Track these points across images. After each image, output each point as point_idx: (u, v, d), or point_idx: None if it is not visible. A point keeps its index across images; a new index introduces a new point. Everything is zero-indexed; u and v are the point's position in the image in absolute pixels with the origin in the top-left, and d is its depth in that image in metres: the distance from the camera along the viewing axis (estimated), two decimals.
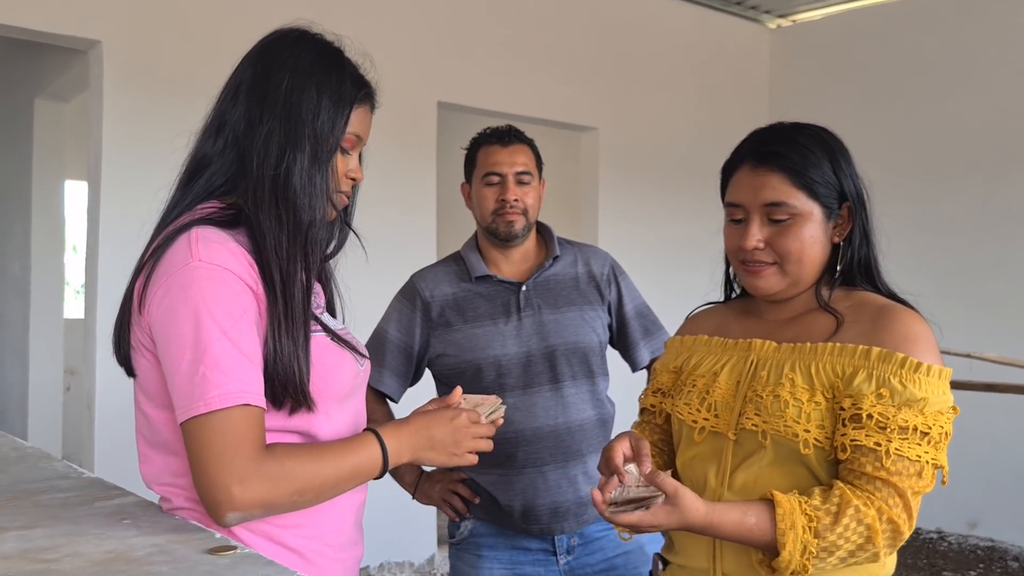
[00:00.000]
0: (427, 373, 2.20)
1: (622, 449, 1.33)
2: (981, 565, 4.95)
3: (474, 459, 1.35)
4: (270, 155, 1.22)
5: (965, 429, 5.26)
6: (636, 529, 1.26)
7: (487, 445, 1.37)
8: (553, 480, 2.00)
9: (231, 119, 1.26)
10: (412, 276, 2.16)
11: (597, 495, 1.26)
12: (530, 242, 2.14)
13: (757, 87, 6.42)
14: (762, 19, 6.38)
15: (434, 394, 2.14)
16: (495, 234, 2.08)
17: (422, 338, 2.09)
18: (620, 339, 2.20)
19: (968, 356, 3.92)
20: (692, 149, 5.72)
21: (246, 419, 1.11)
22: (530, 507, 2.00)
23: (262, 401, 1.14)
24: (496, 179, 2.07)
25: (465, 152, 2.18)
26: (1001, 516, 5.27)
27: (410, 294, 2.12)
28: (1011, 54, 5.36)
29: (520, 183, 2.07)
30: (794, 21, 6.41)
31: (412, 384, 2.17)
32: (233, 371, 1.11)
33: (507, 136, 2.11)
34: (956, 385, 4.06)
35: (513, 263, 2.12)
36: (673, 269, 5.48)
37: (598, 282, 2.14)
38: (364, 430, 1.28)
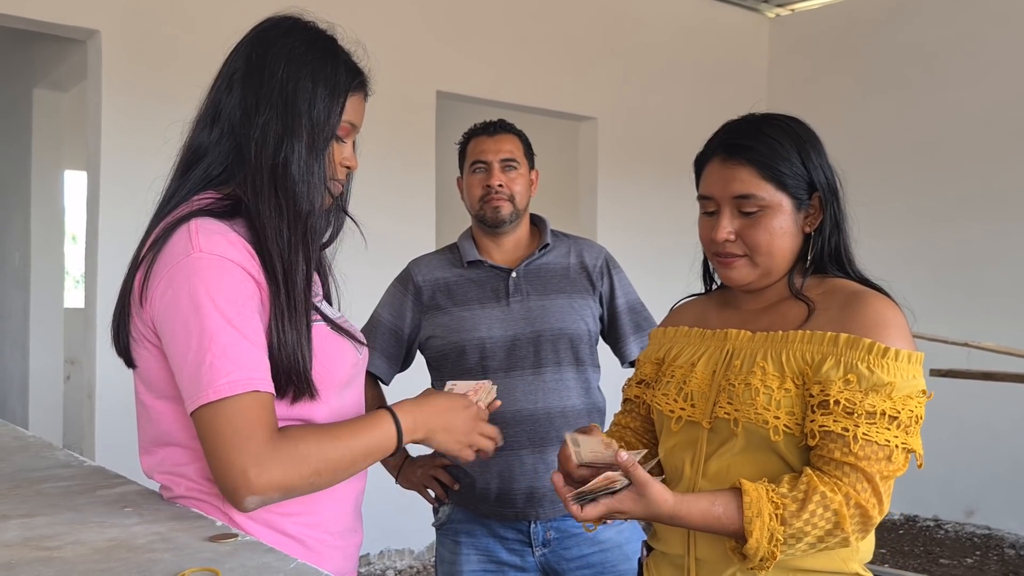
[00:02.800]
0: (420, 359, 2.23)
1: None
2: (978, 553, 4.97)
3: (471, 455, 1.39)
4: (268, 145, 1.22)
5: (963, 417, 5.31)
6: (604, 518, 1.27)
7: (488, 446, 1.41)
8: (530, 464, 2.02)
9: (226, 108, 1.26)
10: (409, 262, 2.22)
11: (559, 479, 1.28)
12: (522, 231, 2.18)
13: (756, 76, 6.41)
14: (761, 8, 6.36)
15: (426, 378, 2.17)
16: (483, 221, 2.12)
17: (413, 321, 2.14)
18: (610, 332, 2.22)
19: (966, 345, 3.93)
20: (691, 138, 5.66)
21: (256, 405, 1.12)
22: (506, 490, 2.03)
23: (271, 387, 1.15)
24: (482, 167, 2.12)
25: (458, 147, 2.22)
26: (998, 504, 5.29)
27: (404, 279, 2.18)
28: (1010, 42, 5.35)
29: (506, 169, 2.11)
30: (793, 10, 6.39)
31: (404, 368, 2.21)
32: (240, 359, 1.12)
33: (494, 127, 2.17)
34: (954, 374, 4.08)
35: (505, 251, 2.15)
36: (671, 258, 5.48)
37: (590, 273, 2.17)
38: (378, 408, 1.29)
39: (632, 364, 2.23)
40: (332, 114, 1.26)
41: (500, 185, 2.09)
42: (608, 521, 1.44)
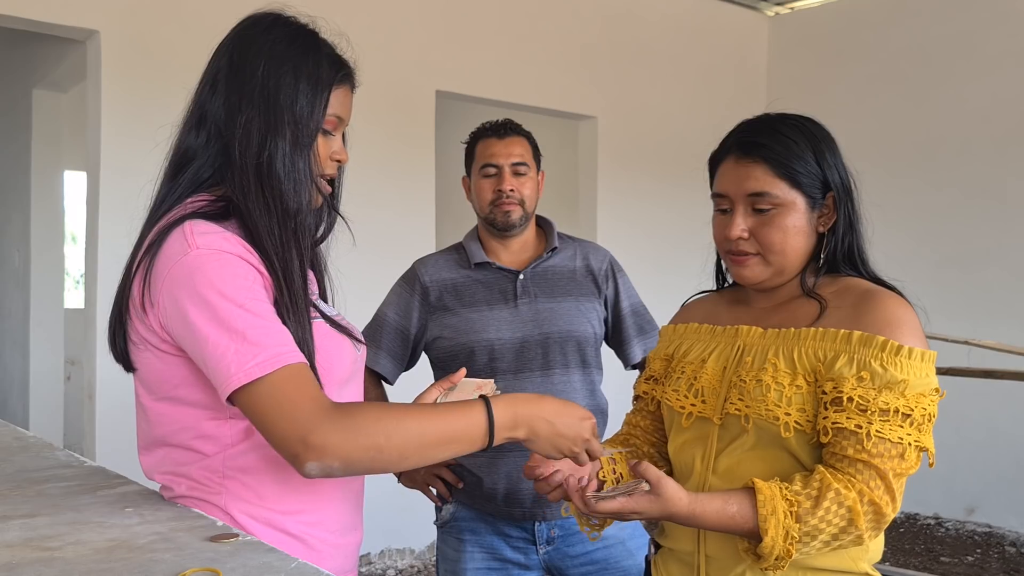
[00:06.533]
0: (424, 359, 2.22)
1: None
2: (978, 551, 4.97)
3: (585, 458, 1.28)
4: (251, 144, 1.21)
5: (963, 415, 5.32)
6: (618, 517, 1.27)
7: (585, 460, 1.29)
8: None
9: (211, 110, 1.25)
10: (414, 262, 2.21)
11: (573, 482, 1.27)
12: (529, 233, 2.18)
13: (755, 75, 6.40)
14: (760, 7, 6.36)
15: (430, 379, 2.16)
16: (493, 224, 2.12)
17: (419, 321, 2.13)
18: (614, 335, 2.23)
19: (967, 343, 3.93)
20: (690, 137, 5.70)
21: (292, 377, 1.11)
22: (514, 490, 2.03)
23: (301, 357, 1.14)
24: (493, 170, 2.12)
25: (464, 146, 2.22)
26: (999, 502, 5.29)
27: (410, 279, 2.17)
28: (1010, 41, 5.35)
29: (516, 174, 2.11)
30: (792, 9, 6.39)
31: (409, 367, 2.21)
32: (262, 340, 1.11)
33: (503, 128, 2.15)
34: (954, 372, 4.08)
35: (512, 253, 2.16)
36: (671, 257, 5.48)
37: (595, 276, 2.18)
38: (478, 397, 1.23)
39: (636, 367, 2.23)
40: (316, 109, 1.24)
41: (511, 190, 2.09)
42: (609, 522, 1.44)
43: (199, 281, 1.13)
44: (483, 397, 1.22)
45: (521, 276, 2.11)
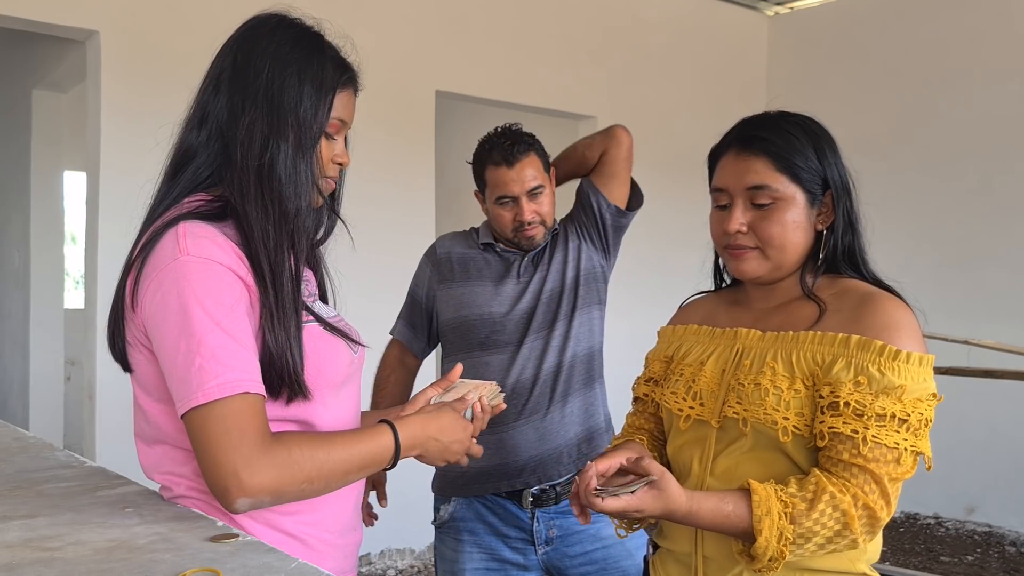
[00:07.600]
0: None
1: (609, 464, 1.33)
2: (978, 550, 4.98)
3: (466, 460, 1.38)
4: (253, 145, 1.21)
5: (963, 415, 5.32)
6: (622, 516, 1.28)
7: (479, 451, 1.40)
8: (557, 422, 2.08)
9: (213, 110, 1.25)
10: (436, 239, 2.31)
11: (582, 479, 1.28)
12: None
13: (755, 75, 6.40)
14: (760, 7, 6.36)
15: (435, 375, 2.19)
16: (518, 246, 2.17)
17: (429, 290, 2.21)
18: (591, 210, 2.25)
19: (966, 343, 3.93)
20: (690, 137, 5.69)
21: (247, 407, 1.11)
22: (534, 456, 2.06)
23: (261, 389, 1.14)
24: (509, 200, 2.12)
25: (472, 164, 2.20)
26: (999, 502, 5.29)
27: (430, 252, 2.27)
28: (1010, 41, 5.35)
29: (533, 197, 2.11)
30: (792, 8, 6.39)
31: (431, 341, 2.26)
32: (229, 361, 1.11)
33: (511, 154, 2.09)
34: (954, 371, 4.07)
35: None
36: (671, 257, 5.48)
37: (566, 229, 2.24)
38: (379, 422, 1.28)
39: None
40: (320, 112, 1.24)
41: (532, 215, 2.11)
42: (636, 526, 1.44)
43: (184, 289, 1.12)
44: (389, 423, 1.27)
45: (525, 259, 2.17)
